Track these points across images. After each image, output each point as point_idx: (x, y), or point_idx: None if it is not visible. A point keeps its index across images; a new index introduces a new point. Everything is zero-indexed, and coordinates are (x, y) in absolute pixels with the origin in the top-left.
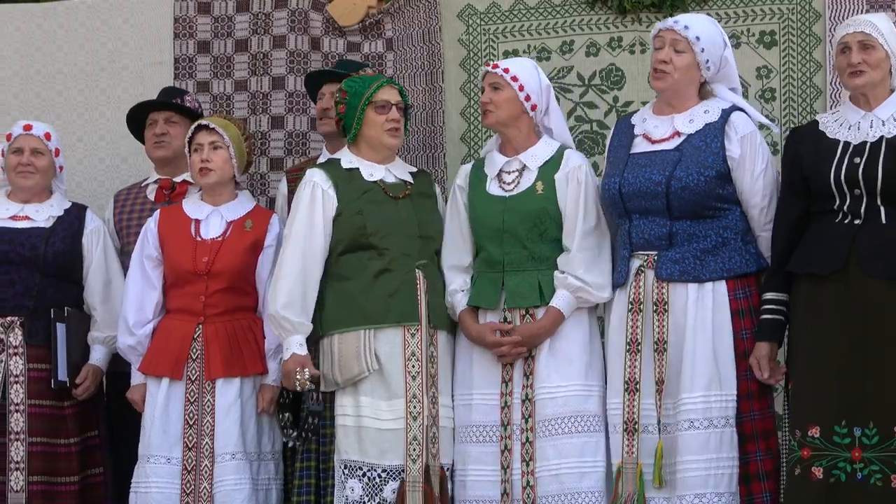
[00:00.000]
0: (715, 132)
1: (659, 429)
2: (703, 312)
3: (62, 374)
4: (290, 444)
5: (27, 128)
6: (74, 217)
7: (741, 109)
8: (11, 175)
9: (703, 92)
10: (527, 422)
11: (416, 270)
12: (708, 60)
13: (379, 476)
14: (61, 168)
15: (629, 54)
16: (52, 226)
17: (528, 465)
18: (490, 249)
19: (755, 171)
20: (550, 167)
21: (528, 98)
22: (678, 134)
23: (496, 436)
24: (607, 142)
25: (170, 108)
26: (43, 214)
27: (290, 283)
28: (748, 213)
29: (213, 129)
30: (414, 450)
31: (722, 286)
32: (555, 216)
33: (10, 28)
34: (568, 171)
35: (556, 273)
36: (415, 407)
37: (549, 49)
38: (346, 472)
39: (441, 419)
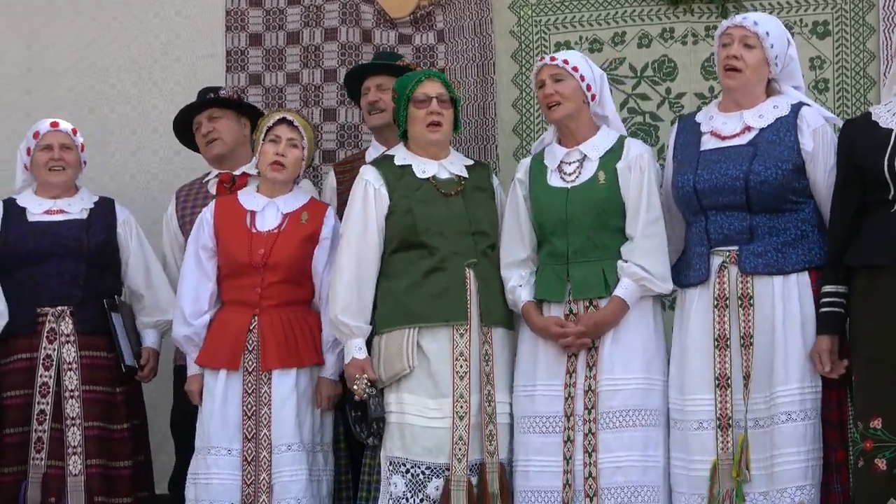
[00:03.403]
0: (787, 126)
1: (745, 424)
2: (790, 304)
3: (129, 359)
4: (370, 443)
5: (54, 125)
6: (106, 210)
7: (808, 104)
8: (42, 171)
9: (770, 89)
10: (589, 413)
11: (467, 269)
12: (776, 56)
13: (423, 473)
14: (85, 163)
15: (681, 45)
16: (88, 217)
17: (590, 455)
18: (554, 242)
19: (828, 164)
20: (611, 156)
21: (588, 88)
22: (749, 129)
23: (559, 426)
24: (669, 141)
25: (209, 105)
26: (76, 207)
27: (346, 286)
28: (821, 206)
29: (296, 126)
30: (459, 449)
31: (805, 277)
32: (618, 205)
33: (63, 21)
34: (630, 160)
35: (620, 262)
36: (461, 406)
37: (600, 40)
38: (391, 468)
39: (498, 416)
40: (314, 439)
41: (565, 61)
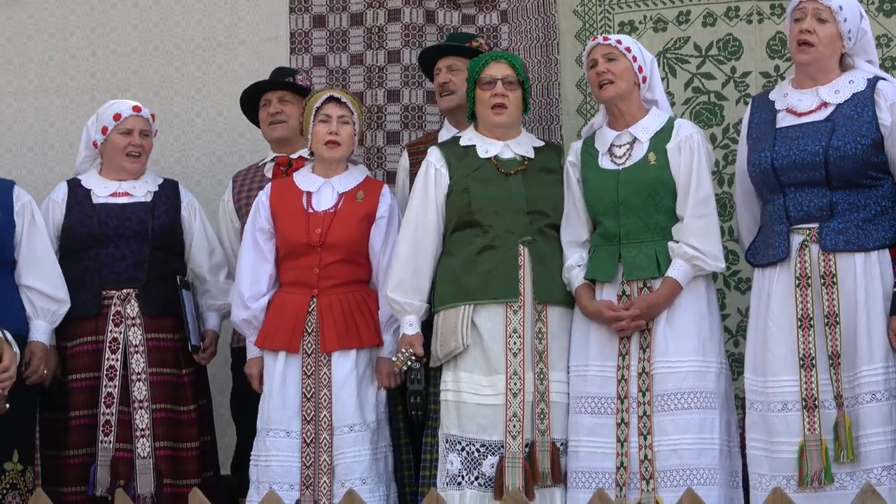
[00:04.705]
0: (865, 101)
1: (837, 404)
2: (872, 283)
3: (196, 339)
4: (415, 418)
5: (136, 109)
6: (170, 192)
7: (884, 79)
8: (118, 155)
9: (843, 64)
10: (644, 395)
11: (520, 247)
12: (850, 31)
13: (478, 451)
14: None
15: (746, 24)
16: (152, 200)
17: (645, 438)
18: (606, 223)
19: None
20: (661, 137)
21: (640, 69)
22: (825, 105)
23: (612, 408)
24: (744, 121)
25: (284, 88)
26: (141, 190)
27: (401, 264)
28: None
29: (344, 103)
30: (514, 426)
31: (886, 255)
32: (669, 186)
33: (127, 4)
34: (680, 141)
35: (671, 243)
36: (515, 384)
37: (665, 19)
38: (448, 445)
39: (552, 395)
40: (378, 418)
41: (618, 41)
